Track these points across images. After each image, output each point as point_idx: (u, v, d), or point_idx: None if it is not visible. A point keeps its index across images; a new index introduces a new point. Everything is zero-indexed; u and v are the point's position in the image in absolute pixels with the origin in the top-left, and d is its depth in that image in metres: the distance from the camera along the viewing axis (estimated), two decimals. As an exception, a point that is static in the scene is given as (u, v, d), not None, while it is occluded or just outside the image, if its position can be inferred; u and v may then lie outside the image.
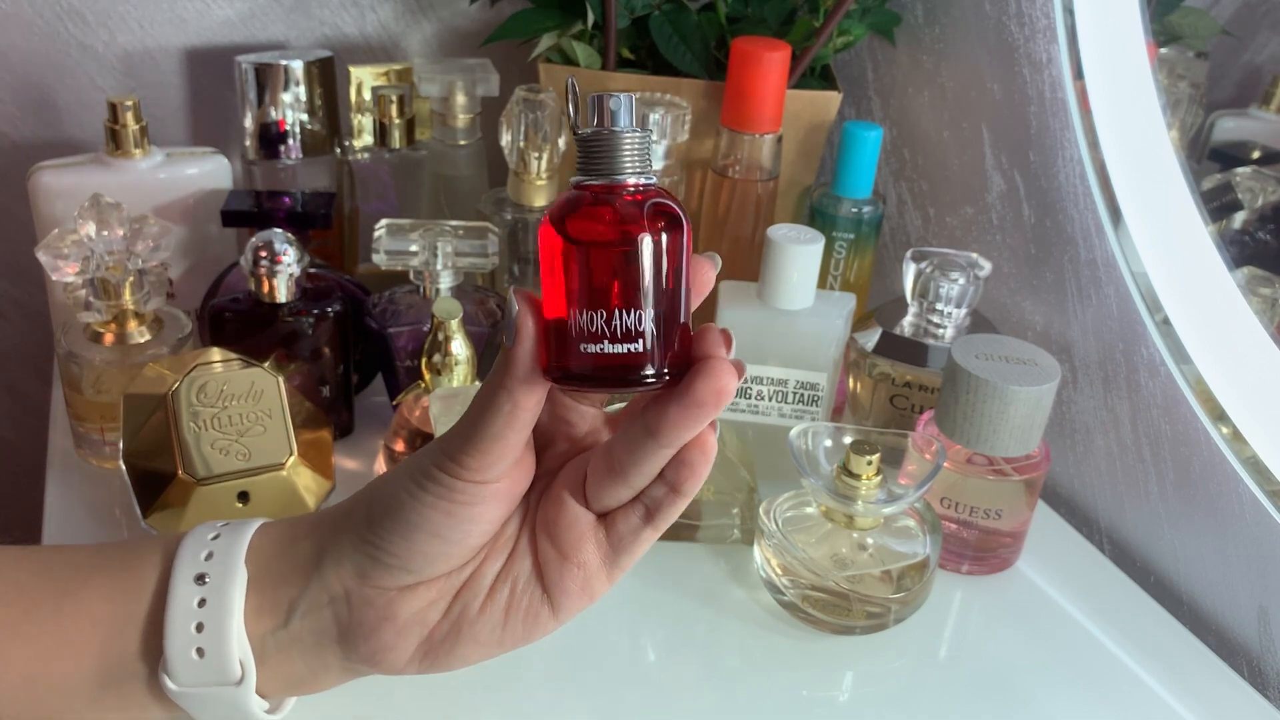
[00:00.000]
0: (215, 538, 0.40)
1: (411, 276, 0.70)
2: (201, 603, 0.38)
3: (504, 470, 0.37)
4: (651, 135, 0.36)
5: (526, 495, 0.39)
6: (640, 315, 0.33)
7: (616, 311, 0.33)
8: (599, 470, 0.37)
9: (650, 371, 0.34)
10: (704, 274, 0.36)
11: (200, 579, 0.39)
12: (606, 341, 0.33)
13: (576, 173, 0.34)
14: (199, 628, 0.38)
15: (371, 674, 0.41)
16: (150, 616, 0.39)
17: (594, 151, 0.34)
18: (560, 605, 0.39)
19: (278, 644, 0.39)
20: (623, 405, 0.41)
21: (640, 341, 0.33)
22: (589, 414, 0.39)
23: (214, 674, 0.39)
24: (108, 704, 0.40)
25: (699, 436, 0.36)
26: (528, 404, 0.35)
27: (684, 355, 0.34)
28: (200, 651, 0.38)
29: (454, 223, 0.71)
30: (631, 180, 0.34)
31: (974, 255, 0.69)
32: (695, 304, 0.36)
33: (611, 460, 0.37)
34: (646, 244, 0.33)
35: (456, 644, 0.39)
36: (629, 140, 0.34)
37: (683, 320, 0.34)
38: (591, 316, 0.33)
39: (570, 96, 0.35)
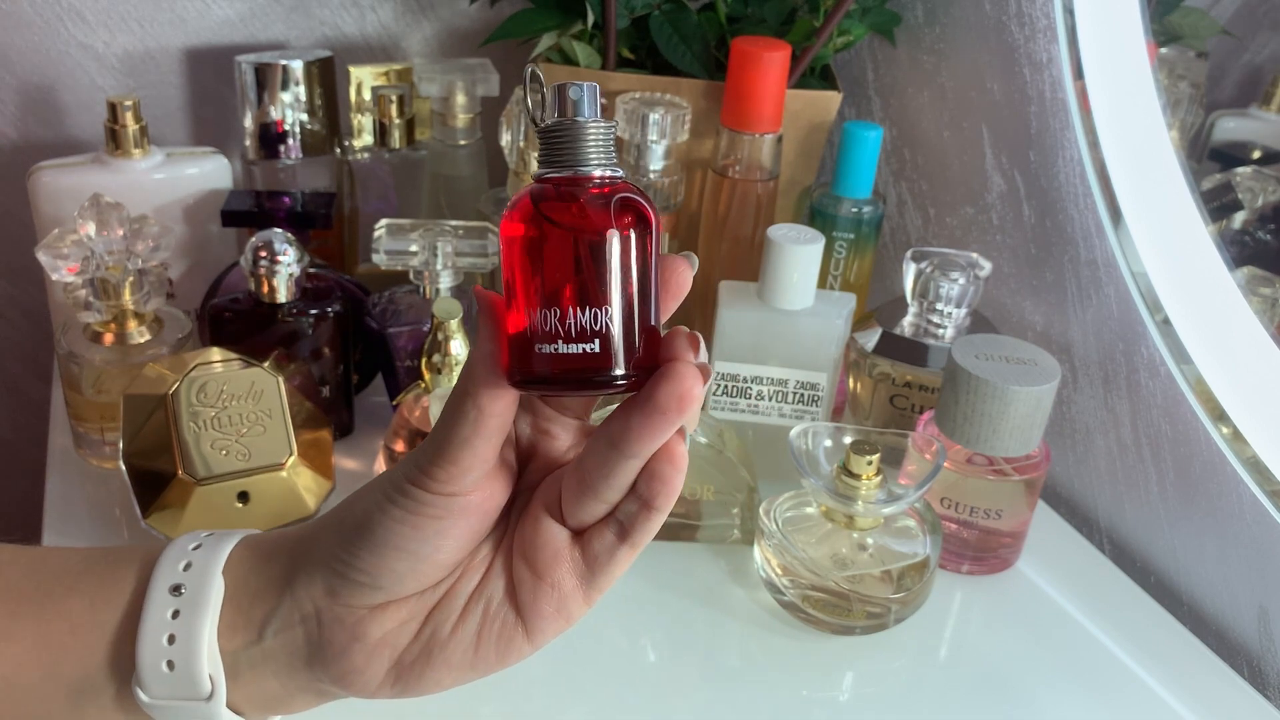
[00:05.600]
0: (197, 548, 0.39)
1: (411, 276, 0.70)
2: (175, 614, 0.38)
3: (474, 482, 0.35)
4: (615, 126, 0.34)
5: (505, 514, 0.38)
6: (597, 314, 0.31)
7: (571, 310, 0.31)
8: (571, 484, 0.35)
9: (613, 373, 0.31)
10: (678, 274, 0.34)
11: (176, 590, 0.38)
12: (561, 341, 0.31)
13: (539, 166, 0.33)
14: (170, 639, 0.37)
15: (344, 697, 0.40)
16: (125, 625, 0.38)
17: (556, 143, 0.32)
18: (534, 628, 0.38)
19: (251, 661, 0.38)
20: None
21: (597, 341, 0.31)
22: (571, 426, 0.38)
23: (184, 688, 0.38)
24: (87, 713, 0.39)
25: (666, 447, 0.34)
26: (493, 409, 0.33)
27: (652, 359, 0.32)
28: (170, 664, 0.37)
29: (454, 223, 0.71)
30: (597, 172, 0.32)
31: (974, 255, 0.69)
32: (670, 306, 0.34)
33: (582, 473, 0.35)
34: (609, 238, 0.31)
35: (428, 667, 0.38)
36: (593, 131, 0.32)
37: (652, 323, 0.32)
38: (546, 315, 0.31)
39: (531, 87, 0.33)
